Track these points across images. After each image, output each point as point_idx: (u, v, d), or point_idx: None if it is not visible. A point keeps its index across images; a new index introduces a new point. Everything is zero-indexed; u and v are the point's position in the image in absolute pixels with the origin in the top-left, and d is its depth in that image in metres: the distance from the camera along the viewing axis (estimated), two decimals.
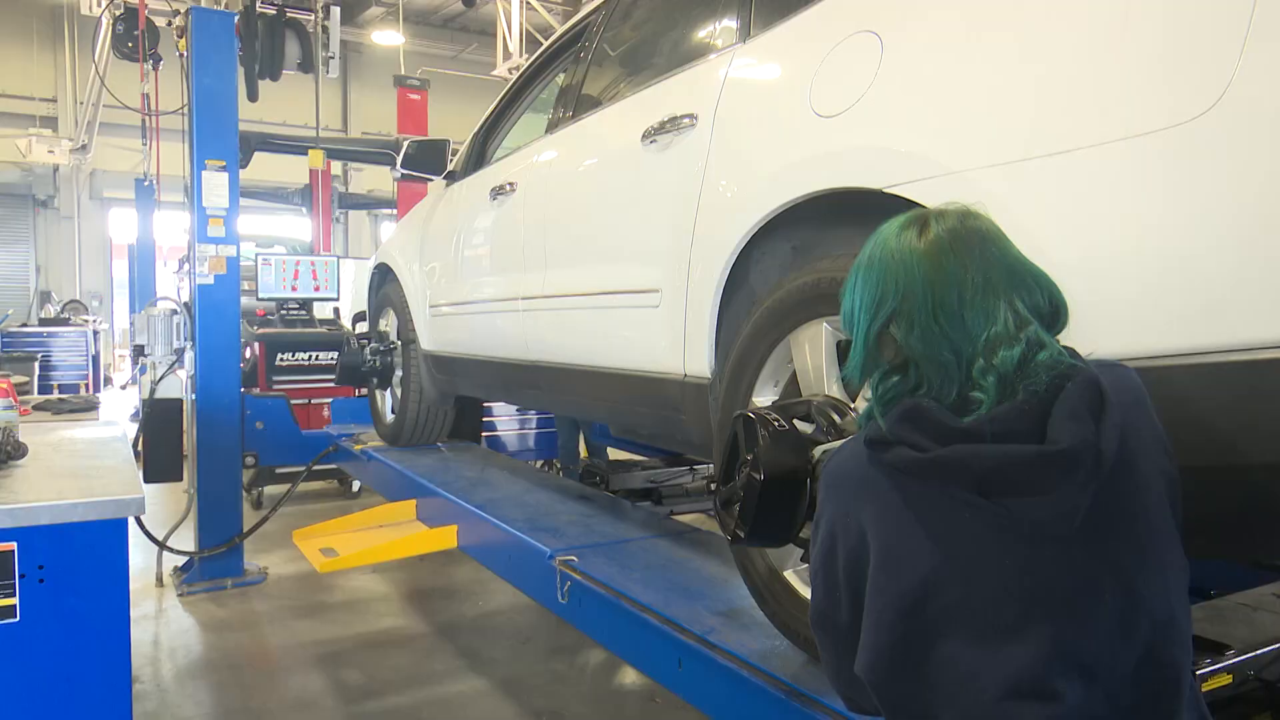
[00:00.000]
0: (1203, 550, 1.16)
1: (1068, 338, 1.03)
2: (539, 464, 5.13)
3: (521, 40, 9.84)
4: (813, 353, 1.66)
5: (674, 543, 2.55)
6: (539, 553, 2.44)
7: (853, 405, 1.55)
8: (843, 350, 1.55)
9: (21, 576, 1.75)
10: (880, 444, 0.99)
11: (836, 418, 1.53)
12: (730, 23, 2.12)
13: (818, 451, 1.45)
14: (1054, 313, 1.00)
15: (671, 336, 2.11)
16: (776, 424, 1.46)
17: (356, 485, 6.39)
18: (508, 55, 9.98)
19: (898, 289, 1.00)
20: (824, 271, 1.64)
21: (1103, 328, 1.16)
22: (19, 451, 2.14)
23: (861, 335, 1.04)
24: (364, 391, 4.65)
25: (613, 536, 2.61)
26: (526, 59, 3.56)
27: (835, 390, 1.60)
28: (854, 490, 1.02)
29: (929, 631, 0.96)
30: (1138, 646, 0.92)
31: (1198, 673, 1.57)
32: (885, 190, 1.47)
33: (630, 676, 3.53)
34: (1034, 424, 0.93)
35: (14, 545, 1.74)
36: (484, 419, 5.01)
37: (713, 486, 1.59)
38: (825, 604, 1.07)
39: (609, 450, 4.58)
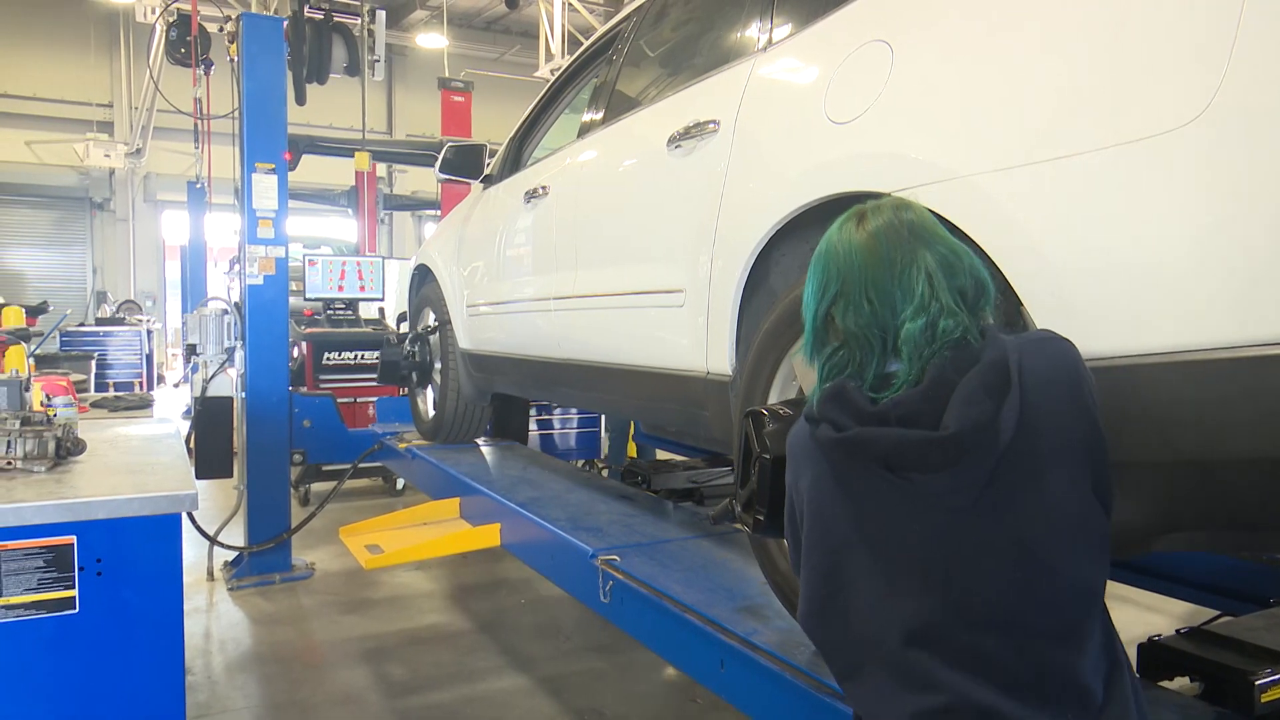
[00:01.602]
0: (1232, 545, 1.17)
1: (1067, 330, 1.13)
2: (580, 463, 5.15)
3: (564, 41, 9.89)
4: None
5: (716, 543, 2.55)
6: (581, 552, 2.45)
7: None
8: None
9: (80, 569, 1.80)
10: (812, 420, 1.12)
11: None
12: (751, 32, 2.19)
13: None
14: (979, 290, 1.11)
15: (694, 335, 2.18)
16: (782, 411, 1.53)
17: (400, 483, 6.47)
18: (549, 56, 10.03)
19: (839, 274, 1.13)
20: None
21: (1098, 326, 1.22)
22: (78, 448, 2.20)
23: (810, 318, 1.17)
24: (406, 391, 4.71)
25: (654, 536, 2.61)
26: (568, 60, 3.59)
27: None
28: (800, 459, 1.17)
29: (848, 587, 1.10)
30: (1037, 604, 1.02)
31: (1258, 682, 1.61)
32: (895, 194, 1.49)
33: (670, 675, 3.53)
34: (937, 408, 1.03)
35: (73, 539, 1.80)
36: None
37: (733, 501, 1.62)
38: (795, 557, 1.21)
39: (657, 451, 4.60)
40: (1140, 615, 3.33)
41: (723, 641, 1.85)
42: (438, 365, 4.22)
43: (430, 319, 4.32)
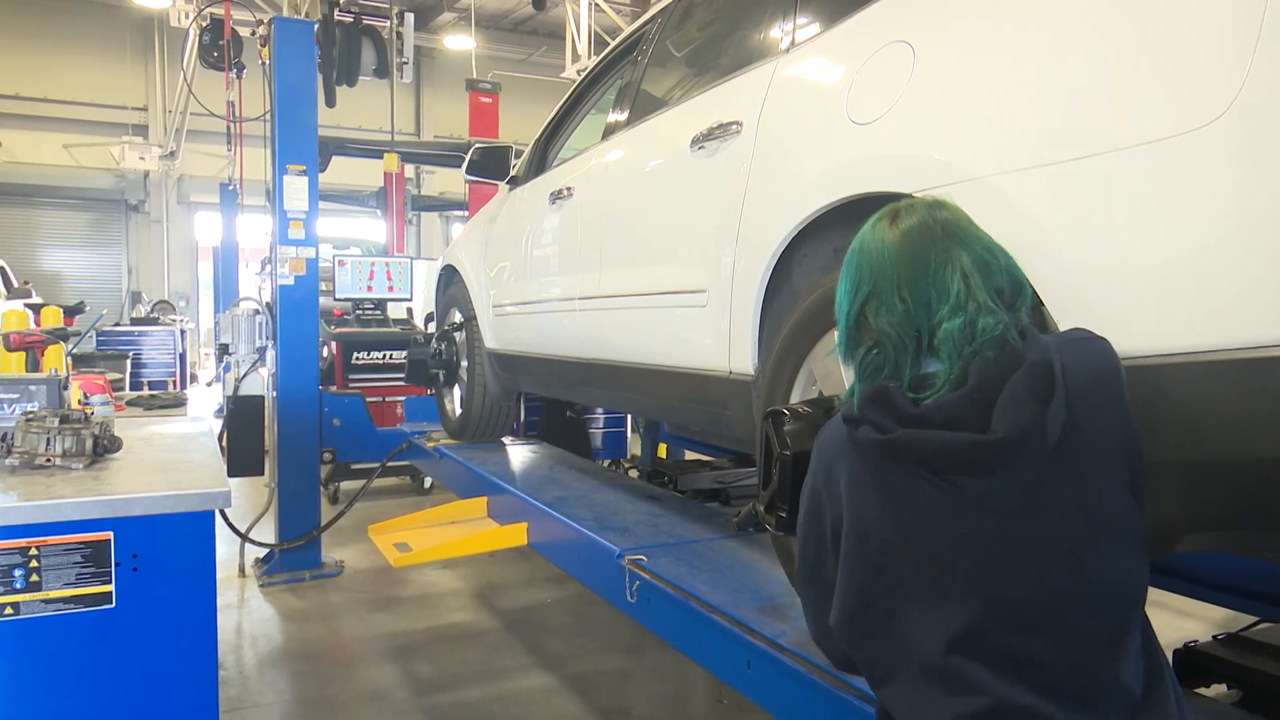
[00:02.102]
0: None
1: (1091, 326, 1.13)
2: (606, 463, 5.16)
3: (590, 42, 9.92)
4: (828, 360, 1.75)
5: (742, 543, 2.54)
6: (608, 551, 2.46)
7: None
8: None
9: (117, 565, 1.84)
10: (852, 422, 1.11)
11: None
12: (773, 34, 2.20)
13: None
14: (1015, 290, 1.10)
15: (717, 335, 2.19)
16: (803, 410, 1.54)
17: (428, 482, 6.52)
18: (576, 57, 10.06)
19: (871, 274, 1.12)
20: (827, 288, 1.73)
21: (1120, 326, 1.20)
22: (114, 445, 2.24)
23: (844, 318, 1.16)
24: (432, 391, 4.75)
25: (681, 536, 2.61)
26: (593, 61, 3.62)
27: None
28: (834, 460, 1.15)
29: (890, 592, 1.07)
30: (1080, 606, 1.02)
31: None
32: (915, 195, 1.49)
33: (696, 675, 3.52)
34: (982, 410, 1.02)
35: (110, 535, 1.83)
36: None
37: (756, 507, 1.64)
38: (815, 560, 1.19)
39: (685, 452, 4.60)
40: (1175, 621, 3.28)
41: (749, 642, 1.85)
42: (464, 364, 4.26)
43: (456, 319, 4.35)
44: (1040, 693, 1.01)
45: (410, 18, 7.35)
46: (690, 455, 4.75)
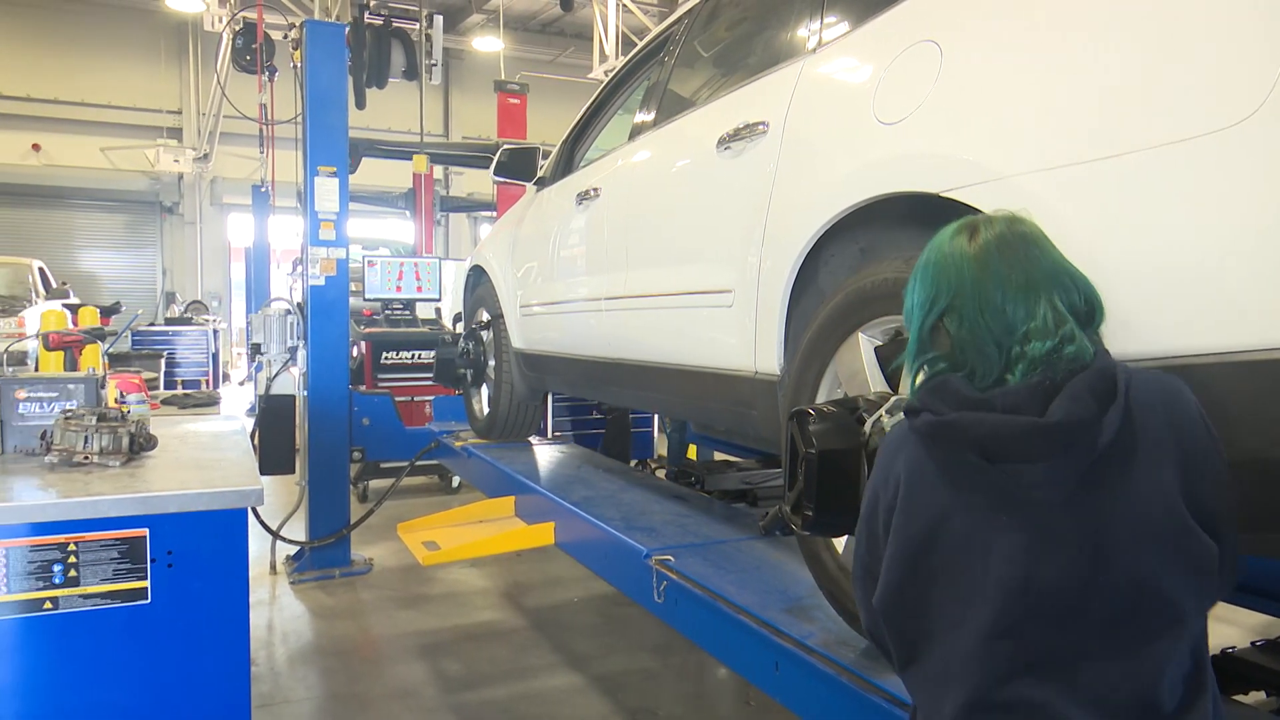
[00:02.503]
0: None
1: (1119, 330, 1.15)
2: (634, 463, 5.17)
3: (618, 42, 9.92)
4: (854, 360, 1.77)
5: (770, 544, 2.53)
6: (635, 551, 2.46)
7: (897, 396, 1.60)
8: (881, 355, 1.71)
9: (152, 561, 1.86)
10: (913, 412, 1.13)
11: (882, 406, 1.58)
12: (800, 34, 2.20)
13: (867, 425, 1.51)
14: (1090, 311, 1.11)
15: (743, 335, 2.19)
16: (828, 410, 1.54)
17: (456, 481, 6.56)
18: (604, 57, 10.07)
19: (949, 288, 1.12)
20: (851, 289, 1.76)
21: (1150, 326, 1.21)
22: (150, 444, 2.28)
23: (916, 328, 1.16)
24: (460, 391, 4.77)
25: (708, 537, 2.60)
26: (620, 62, 3.63)
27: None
28: (894, 451, 1.17)
29: (932, 574, 1.10)
30: (1111, 610, 1.02)
31: None
32: (941, 195, 1.51)
33: (723, 676, 3.52)
34: (1042, 401, 1.04)
35: (146, 531, 1.85)
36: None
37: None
38: (868, 558, 1.19)
39: (714, 453, 4.59)
40: (1212, 626, 3.21)
41: (777, 644, 1.84)
42: (491, 363, 4.28)
43: (484, 319, 4.38)
44: (1058, 692, 1.02)
45: (439, 20, 7.40)
46: (719, 456, 4.74)
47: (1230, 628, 3.14)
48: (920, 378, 1.15)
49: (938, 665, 1.10)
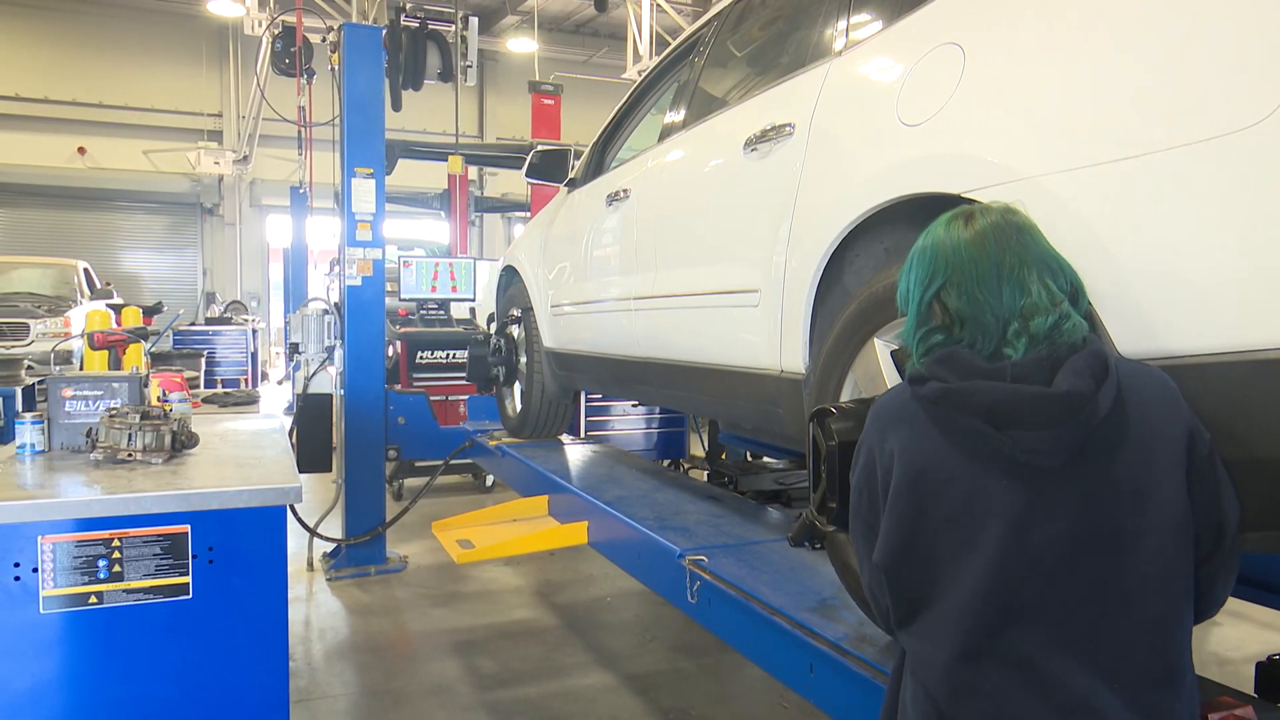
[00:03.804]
0: None
1: (1137, 329, 1.23)
2: (665, 463, 5.17)
3: (651, 42, 9.91)
4: (871, 364, 1.80)
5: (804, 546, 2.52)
6: (668, 552, 2.45)
7: None
8: (897, 359, 1.69)
9: (194, 557, 1.90)
10: (919, 380, 1.18)
11: None
12: (826, 37, 2.22)
13: None
14: (1074, 295, 1.19)
15: (768, 334, 2.22)
16: (849, 407, 1.57)
17: (490, 480, 6.60)
18: (638, 57, 10.07)
19: (947, 267, 1.20)
20: (865, 295, 1.79)
21: (1168, 324, 1.23)
22: (191, 441, 2.32)
23: (915, 303, 1.24)
24: (494, 391, 4.80)
25: (742, 538, 2.59)
26: (651, 64, 3.64)
27: None
28: (891, 419, 1.22)
29: (934, 530, 1.15)
30: (1096, 570, 1.09)
31: None
32: (963, 195, 1.52)
33: (757, 677, 3.50)
34: (1047, 374, 1.12)
35: (188, 528, 1.89)
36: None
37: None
38: (870, 515, 1.24)
39: (747, 453, 4.58)
40: (1258, 633, 3.15)
41: (812, 646, 1.83)
42: (522, 359, 4.31)
43: (515, 314, 4.41)
44: (1051, 648, 1.09)
45: (474, 22, 7.43)
46: (752, 456, 4.73)
47: (1277, 635, 3.06)
48: (920, 350, 1.22)
49: (935, 618, 1.16)
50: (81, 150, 14.82)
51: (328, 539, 4.83)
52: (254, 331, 11.26)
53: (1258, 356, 1.13)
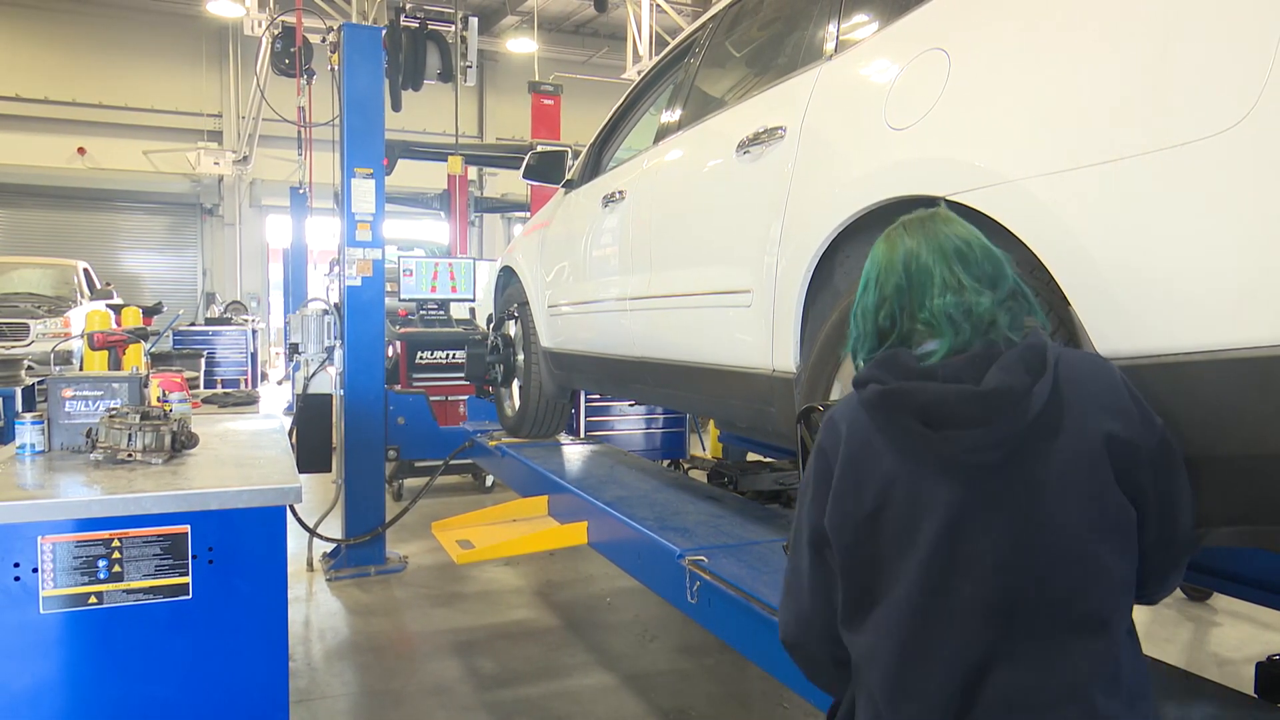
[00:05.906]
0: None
1: (1116, 329, 1.25)
2: (666, 463, 5.17)
3: (651, 42, 9.91)
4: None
5: None
6: (668, 552, 2.45)
7: None
8: None
9: (194, 558, 1.90)
10: (860, 384, 1.21)
11: None
12: (816, 41, 2.25)
13: None
14: (997, 270, 1.20)
15: (760, 334, 2.25)
16: (833, 403, 1.57)
17: (489, 480, 6.60)
18: (637, 58, 10.07)
19: (873, 266, 1.26)
20: (847, 302, 1.80)
21: (1146, 325, 1.25)
22: (191, 442, 2.32)
23: (853, 319, 1.29)
24: (490, 390, 4.80)
25: (742, 538, 2.59)
26: (647, 66, 3.65)
27: None
28: (838, 421, 1.25)
29: (879, 532, 1.17)
30: (1039, 568, 1.10)
31: None
32: (949, 198, 1.55)
33: (758, 678, 3.50)
34: (978, 373, 1.13)
35: (188, 528, 1.89)
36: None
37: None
38: (817, 519, 1.25)
39: (748, 453, 4.58)
40: (1258, 634, 3.15)
41: None
42: (519, 356, 4.32)
43: (513, 309, 4.42)
44: (994, 646, 1.10)
45: (474, 22, 7.44)
46: (752, 456, 4.73)
47: (1278, 635, 3.06)
48: (863, 352, 1.26)
49: (879, 619, 1.17)
50: (81, 150, 14.83)
51: (328, 539, 4.83)
52: (254, 332, 11.25)
53: (1235, 355, 1.15)
